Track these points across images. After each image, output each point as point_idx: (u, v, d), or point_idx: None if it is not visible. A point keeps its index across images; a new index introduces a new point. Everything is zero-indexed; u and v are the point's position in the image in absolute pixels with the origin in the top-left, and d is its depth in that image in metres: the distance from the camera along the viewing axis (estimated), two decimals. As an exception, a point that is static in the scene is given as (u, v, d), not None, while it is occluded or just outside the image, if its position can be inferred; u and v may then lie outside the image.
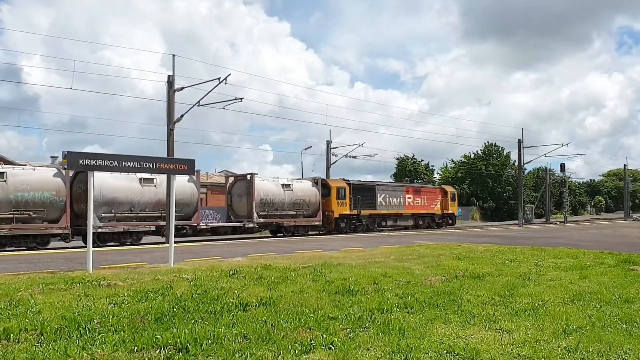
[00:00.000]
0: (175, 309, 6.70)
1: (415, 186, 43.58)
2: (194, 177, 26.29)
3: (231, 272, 9.79)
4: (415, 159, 75.66)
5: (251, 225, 28.88)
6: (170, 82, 25.49)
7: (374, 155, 49.13)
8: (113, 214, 23.24)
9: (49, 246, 21.29)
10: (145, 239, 24.63)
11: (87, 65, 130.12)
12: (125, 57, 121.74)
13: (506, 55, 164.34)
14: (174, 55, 25.72)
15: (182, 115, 25.46)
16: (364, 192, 35.73)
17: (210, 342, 5.34)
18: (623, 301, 7.91)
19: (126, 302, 7.16)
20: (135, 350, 5.10)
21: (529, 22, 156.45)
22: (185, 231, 25.95)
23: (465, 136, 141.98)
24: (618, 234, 29.56)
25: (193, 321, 6.17)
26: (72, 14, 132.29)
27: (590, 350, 5.37)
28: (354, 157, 46.54)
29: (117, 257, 13.97)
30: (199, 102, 25.83)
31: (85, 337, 5.48)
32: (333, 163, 44.82)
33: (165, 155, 24.08)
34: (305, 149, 55.12)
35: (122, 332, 5.65)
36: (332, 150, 45.08)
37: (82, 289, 8.12)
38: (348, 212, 34.09)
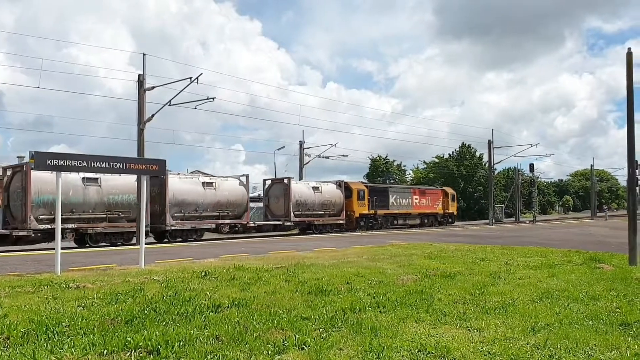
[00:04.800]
0: (146, 311, 6.62)
1: (421, 188, 47.35)
2: (244, 181, 30.05)
3: (203, 274, 9.71)
4: (387, 159, 76.17)
5: (289, 223, 32.41)
6: (140, 81, 25.15)
7: (347, 155, 49.13)
8: (183, 214, 26.62)
9: (15, 247, 20.94)
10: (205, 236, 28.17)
11: (53, 63, 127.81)
12: (93, 55, 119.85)
13: (480, 55, 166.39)
14: (144, 54, 25.41)
15: (152, 115, 25.14)
16: (379, 194, 39.60)
17: (181, 344, 5.29)
18: (589, 298, 8.10)
19: (96, 305, 7.05)
20: (105, 353, 5.03)
21: (504, 21, 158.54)
22: (237, 228, 29.29)
23: (438, 137, 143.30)
24: (585, 232, 30.22)
25: (164, 323, 6.11)
26: (38, 10, 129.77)
27: (558, 346, 5.48)
28: (327, 157, 46.68)
29: (86, 259, 13.73)
30: (170, 101, 25.55)
31: (54, 340, 5.38)
32: (306, 163, 44.84)
33: (135, 155, 23.86)
34: (278, 149, 55.12)
35: (91, 335, 5.55)
36: (305, 151, 45.09)
37: (50, 291, 7.97)
38: (367, 211, 37.82)
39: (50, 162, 10.32)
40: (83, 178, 22.70)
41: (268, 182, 34.83)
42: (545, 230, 32.33)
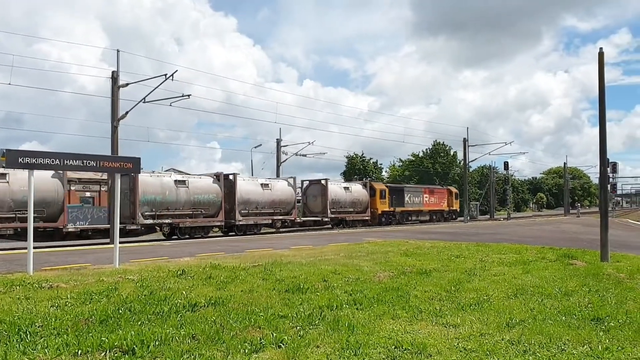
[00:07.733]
0: (120, 311, 6.54)
1: (430, 187, 52.55)
2: (292, 183, 33.94)
3: (179, 272, 9.62)
4: (364, 157, 76.44)
5: (327, 219, 36.19)
6: (114, 77, 24.80)
7: (324, 153, 49.34)
8: (247, 211, 30.52)
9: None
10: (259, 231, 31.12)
11: (24, 60, 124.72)
12: (65, 51, 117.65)
13: (456, 52, 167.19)
14: (118, 51, 25.03)
15: (126, 112, 24.81)
16: (396, 193, 44.31)
17: (157, 343, 5.24)
18: (563, 294, 8.23)
19: (69, 305, 6.94)
20: (79, 353, 4.96)
21: (480, 17, 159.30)
22: (287, 223, 33.12)
23: (414, 135, 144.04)
24: (558, 229, 30.70)
25: (140, 323, 6.04)
26: (7, 5, 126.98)
27: (532, 342, 5.56)
28: (304, 155, 46.66)
29: (59, 258, 13.51)
30: (144, 98, 25.22)
31: (27, 341, 5.29)
32: (283, 161, 44.79)
33: (109, 153, 23.54)
34: (255, 147, 55.02)
35: (65, 336, 5.47)
36: (282, 149, 45.02)
37: (22, 291, 7.83)
38: (387, 209, 42.34)
39: (22, 159, 10.12)
40: (175, 180, 27.06)
41: (306, 183, 38.52)
42: (519, 228, 32.78)
